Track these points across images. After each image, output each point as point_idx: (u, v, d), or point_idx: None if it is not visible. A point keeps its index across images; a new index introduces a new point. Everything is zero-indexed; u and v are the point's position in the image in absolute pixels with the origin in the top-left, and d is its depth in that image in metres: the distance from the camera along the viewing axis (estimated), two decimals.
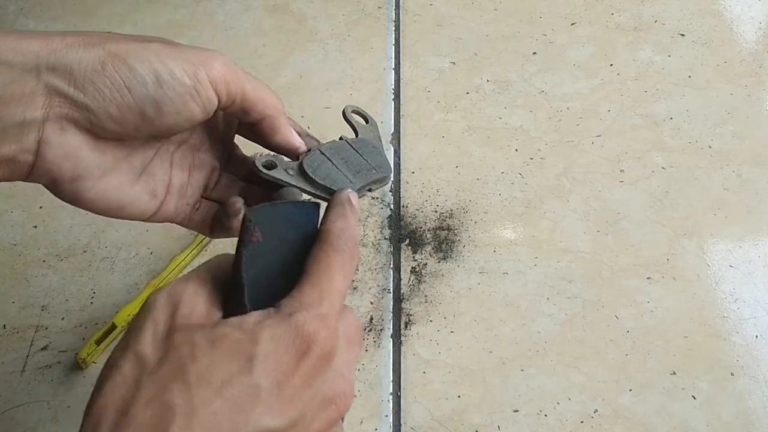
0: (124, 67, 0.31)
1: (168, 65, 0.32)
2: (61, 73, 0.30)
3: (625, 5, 0.77)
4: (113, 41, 0.31)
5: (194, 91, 0.32)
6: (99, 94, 0.31)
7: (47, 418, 0.49)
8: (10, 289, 0.56)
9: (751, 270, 0.55)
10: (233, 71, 0.34)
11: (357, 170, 0.43)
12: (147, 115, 0.32)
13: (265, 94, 0.37)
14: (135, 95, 0.31)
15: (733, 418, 0.47)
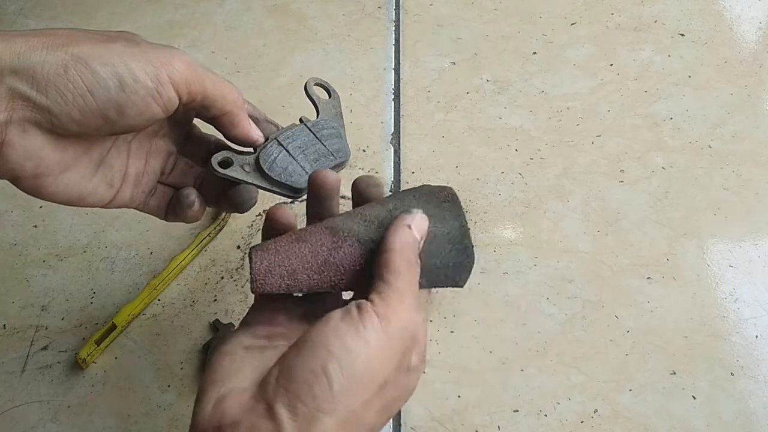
0: (87, 71, 0.31)
1: (131, 68, 0.32)
2: (24, 77, 0.30)
3: (625, 5, 0.77)
4: (76, 42, 0.32)
5: (156, 93, 0.33)
6: (61, 98, 0.31)
7: (47, 418, 0.49)
8: (10, 289, 0.56)
9: (751, 270, 0.55)
10: (194, 70, 0.35)
11: (314, 158, 0.43)
12: (109, 118, 0.33)
13: (226, 90, 0.37)
14: (97, 99, 0.32)
15: (733, 418, 0.47)
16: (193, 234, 0.59)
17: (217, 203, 0.43)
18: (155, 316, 0.54)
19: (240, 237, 0.59)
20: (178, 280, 0.56)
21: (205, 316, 0.54)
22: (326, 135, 0.45)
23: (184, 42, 0.77)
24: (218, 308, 0.54)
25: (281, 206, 0.38)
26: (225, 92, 0.37)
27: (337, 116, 0.47)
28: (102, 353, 0.52)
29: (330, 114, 0.47)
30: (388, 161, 0.64)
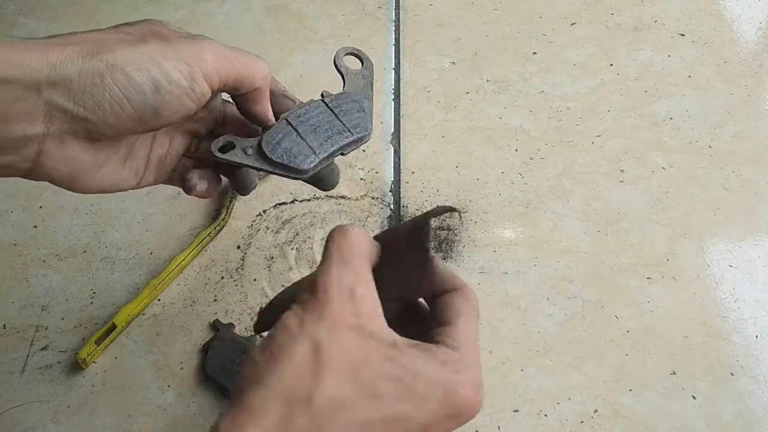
0: (123, 78, 0.31)
1: (165, 69, 0.32)
2: (61, 89, 0.31)
3: (625, 5, 0.77)
4: (110, 49, 0.32)
5: (190, 90, 0.33)
6: (99, 108, 0.31)
7: (47, 418, 0.49)
8: (10, 289, 0.56)
9: (751, 270, 0.55)
10: (224, 58, 0.35)
11: (327, 136, 0.41)
12: (145, 119, 0.33)
13: (255, 68, 0.37)
14: (134, 104, 0.32)
15: (733, 418, 0.47)
16: (193, 234, 0.59)
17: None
18: (155, 316, 0.54)
19: (240, 237, 0.59)
20: (178, 280, 0.56)
21: (205, 316, 0.54)
22: (346, 110, 0.42)
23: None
24: (218, 308, 0.54)
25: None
26: (254, 70, 0.37)
27: (366, 87, 0.44)
28: (102, 353, 0.52)
29: (357, 86, 0.44)
30: (388, 161, 0.64)
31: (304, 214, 0.60)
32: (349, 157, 0.64)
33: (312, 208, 0.61)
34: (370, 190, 0.62)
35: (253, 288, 0.55)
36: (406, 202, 0.61)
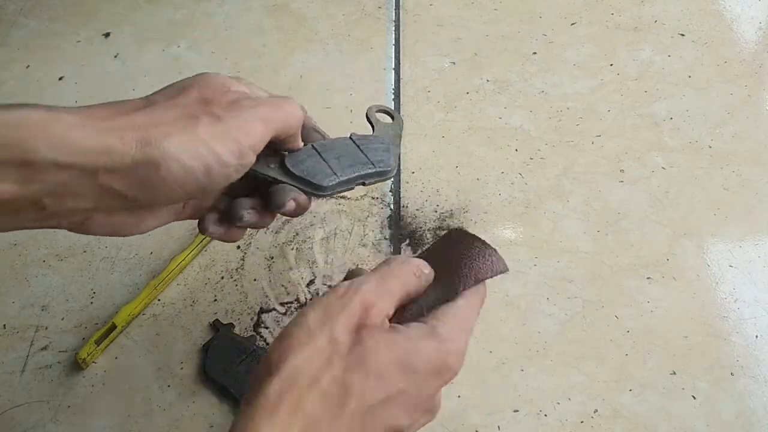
0: (178, 167, 0.33)
1: (217, 153, 0.34)
2: (118, 177, 0.32)
3: (625, 5, 0.77)
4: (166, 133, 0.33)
5: (239, 166, 0.36)
6: (152, 193, 0.33)
7: (47, 418, 0.49)
8: (10, 289, 0.56)
9: (751, 270, 0.55)
10: (269, 123, 0.37)
11: (349, 164, 0.42)
12: (192, 196, 0.36)
13: (293, 118, 0.39)
14: (185, 188, 0.34)
15: (733, 418, 0.47)
16: (193, 234, 0.59)
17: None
18: (155, 316, 0.54)
19: None
20: (178, 280, 0.56)
21: (205, 316, 0.54)
22: (371, 148, 0.44)
23: (184, 42, 0.77)
24: (218, 308, 0.54)
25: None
26: (292, 121, 0.39)
27: (395, 137, 0.46)
28: (102, 353, 0.52)
29: (386, 134, 0.46)
30: None
31: (304, 214, 0.60)
32: None
33: (312, 208, 0.61)
34: (370, 190, 0.62)
35: (253, 288, 0.55)
36: (406, 202, 0.61)
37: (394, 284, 0.35)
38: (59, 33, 0.79)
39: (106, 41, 0.78)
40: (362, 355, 0.31)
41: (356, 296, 0.33)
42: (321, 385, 0.30)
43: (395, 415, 0.32)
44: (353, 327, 0.32)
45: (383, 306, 0.34)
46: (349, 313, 0.32)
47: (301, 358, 0.31)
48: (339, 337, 0.32)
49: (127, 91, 0.72)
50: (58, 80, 0.74)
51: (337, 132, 0.65)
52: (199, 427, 0.48)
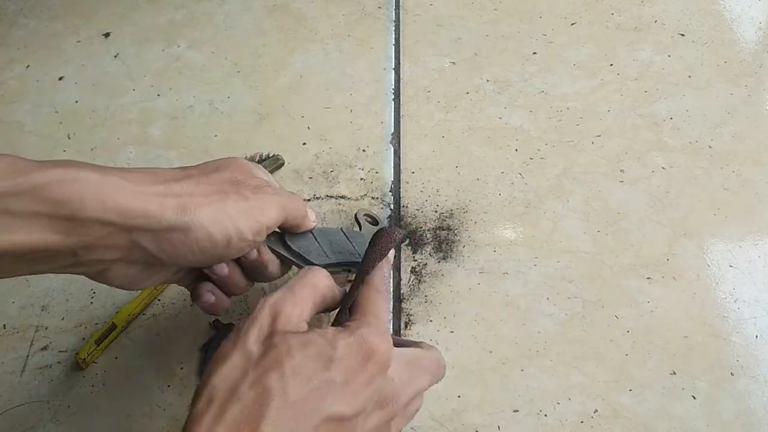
0: (205, 236, 0.37)
1: (239, 228, 0.39)
2: (150, 236, 0.36)
3: (625, 5, 0.77)
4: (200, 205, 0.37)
5: (254, 242, 0.40)
6: (175, 254, 0.37)
7: (47, 418, 0.49)
8: (10, 289, 0.56)
9: (751, 270, 0.55)
10: (282, 209, 0.42)
11: (338, 251, 0.48)
12: (208, 262, 0.40)
13: (298, 212, 0.44)
14: (206, 256, 0.38)
15: (733, 418, 0.47)
16: None
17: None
18: (155, 316, 0.54)
19: None
20: None
21: (205, 316, 0.54)
22: (358, 242, 0.49)
23: (184, 42, 0.77)
24: None
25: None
26: (297, 214, 0.44)
27: None
28: (102, 353, 0.52)
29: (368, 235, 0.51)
30: (388, 161, 0.64)
31: None
32: (349, 157, 0.64)
33: (312, 208, 0.61)
34: (370, 190, 0.62)
35: (252, 288, 0.55)
36: (406, 202, 0.61)
37: (305, 291, 0.37)
38: (59, 33, 0.79)
39: (106, 41, 0.78)
40: (275, 357, 0.32)
41: (264, 309, 0.35)
42: (239, 395, 0.31)
43: (330, 403, 0.32)
44: (264, 336, 0.34)
45: (294, 312, 0.35)
46: (259, 326, 0.34)
47: (218, 378, 0.32)
48: (251, 349, 0.33)
49: (127, 91, 0.72)
50: (58, 80, 0.74)
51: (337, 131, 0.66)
52: None
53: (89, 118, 0.70)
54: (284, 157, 0.64)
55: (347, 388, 0.33)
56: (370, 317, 0.37)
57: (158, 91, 0.72)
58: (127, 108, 0.71)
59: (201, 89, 0.72)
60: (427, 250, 0.57)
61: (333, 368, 0.33)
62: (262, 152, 0.64)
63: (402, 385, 0.36)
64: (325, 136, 0.66)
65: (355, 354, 0.34)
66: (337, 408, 0.32)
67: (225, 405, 0.31)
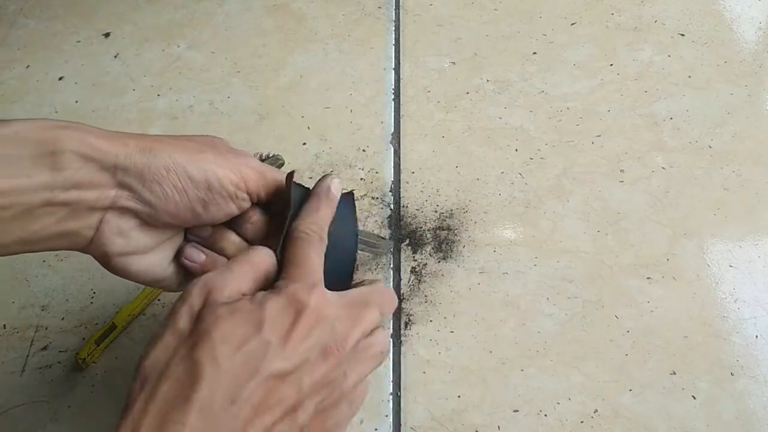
0: (184, 174, 0.38)
1: (218, 174, 0.40)
2: (134, 174, 0.37)
3: (625, 5, 0.77)
4: (176, 151, 0.39)
5: (234, 196, 0.41)
6: (162, 194, 0.38)
7: (47, 418, 0.49)
8: (10, 289, 0.56)
9: (751, 270, 0.55)
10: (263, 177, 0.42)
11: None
12: (196, 212, 0.40)
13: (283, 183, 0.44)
14: (190, 197, 0.39)
15: (733, 418, 0.47)
16: None
17: None
18: (155, 316, 0.54)
19: None
20: None
21: None
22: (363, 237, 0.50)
23: (183, 42, 0.77)
24: None
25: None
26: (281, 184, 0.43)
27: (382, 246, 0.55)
28: (102, 353, 0.52)
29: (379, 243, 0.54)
30: (388, 161, 0.64)
31: None
32: (349, 157, 0.64)
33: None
34: (370, 190, 0.62)
35: None
36: (406, 202, 0.61)
37: (244, 268, 0.37)
38: (59, 33, 0.79)
39: (106, 41, 0.78)
40: (204, 329, 0.33)
41: (195, 286, 0.35)
42: (170, 372, 0.32)
43: (267, 362, 0.32)
44: (195, 312, 0.34)
45: (228, 286, 0.35)
46: (189, 303, 0.34)
47: (149, 360, 0.33)
48: (181, 326, 0.33)
49: (127, 90, 0.72)
50: (58, 80, 0.74)
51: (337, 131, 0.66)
52: None
53: (89, 118, 0.70)
54: (284, 157, 0.64)
55: (284, 346, 0.33)
56: (297, 271, 0.37)
57: (158, 91, 0.72)
58: (127, 108, 0.71)
59: (201, 89, 0.72)
60: (427, 250, 0.57)
61: (265, 330, 0.33)
62: (262, 152, 0.63)
63: (346, 328, 0.36)
64: (325, 136, 0.66)
65: (284, 312, 0.34)
66: (275, 365, 0.32)
67: (156, 384, 0.31)
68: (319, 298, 0.35)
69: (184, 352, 0.32)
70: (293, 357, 0.33)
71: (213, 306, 0.34)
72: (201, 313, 0.34)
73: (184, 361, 0.32)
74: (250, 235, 0.44)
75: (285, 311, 0.34)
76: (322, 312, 0.35)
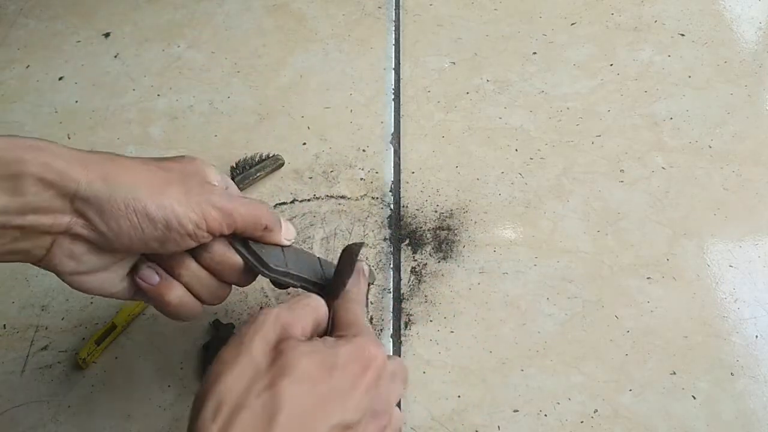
0: (143, 212, 0.37)
1: (177, 214, 0.38)
2: (93, 205, 0.37)
3: (625, 5, 0.77)
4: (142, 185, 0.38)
5: (194, 234, 0.39)
6: (117, 228, 0.37)
7: (47, 418, 0.49)
8: (10, 289, 0.56)
9: (751, 270, 0.55)
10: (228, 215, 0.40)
11: (301, 267, 0.45)
12: (151, 246, 0.39)
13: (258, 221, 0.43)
14: (146, 234, 0.38)
15: (733, 418, 0.47)
16: None
17: None
18: (155, 316, 0.54)
19: None
20: None
21: (205, 316, 0.54)
22: (329, 270, 0.47)
23: (183, 42, 0.77)
24: (218, 308, 0.54)
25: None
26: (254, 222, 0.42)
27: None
28: (102, 353, 0.52)
29: None
30: (388, 161, 0.64)
31: (304, 214, 0.60)
32: (349, 157, 0.64)
33: (312, 208, 0.61)
34: (370, 190, 0.62)
35: (253, 288, 0.55)
36: (406, 202, 0.61)
37: (306, 310, 0.38)
38: (59, 33, 0.79)
39: (106, 41, 0.78)
40: (285, 364, 0.33)
41: (269, 318, 0.35)
42: (247, 403, 0.31)
43: (336, 411, 0.33)
44: (272, 344, 0.34)
45: (298, 325, 0.36)
46: (265, 333, 0.34)
47: (224, 386, 0.32)
48: (257, 356, 0.33)
49: (127, 90, 0.72)
50: (58, 80, 0.74)
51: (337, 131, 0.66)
52: None
53: (89, 118, 0.70)
54: (284, 157, 0.64)
55: (351, 395, 0.34)
56: (359, 328, 0.38)
57: (158, 91, 0.72)
58: (127, 108, 0.71)
59: (201, 89, 0.72)
60: (427, 250, 0.57)
61: (336, 375, 0.33)
62: (262, 152, 0.63)
63: (388, 393, 0.37)
64: (325, 136, 0.66)
65: (355, 361, 0.35)
66: (343, 416, 0.33)
67: (233, 414, 0.31)
68: (384, 354, 0.36)
69: (264, 385, 0.32)
70: (358, 409, 0.34)
71: (292, 342, 0.34)
72: (280, 348, 0.34)
73: (263, 395, 0.32)
74: (210, 264, 0.42)
75: (355, 360, 0.35)
76: (384, 368, 0.36)
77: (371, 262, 0.57)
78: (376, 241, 0.58)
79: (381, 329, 0.53)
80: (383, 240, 0.58)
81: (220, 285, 0.43)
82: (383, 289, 0.55)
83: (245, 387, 0.32)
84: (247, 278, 0.44)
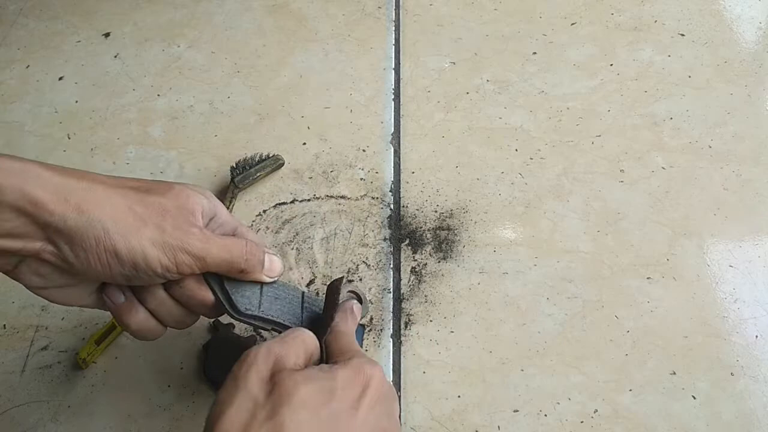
0: (112, 251, 0.37)
1: (147, 257, 0.38)
2: (65, 236, 0.36)
3: (625, 5, 0.77)
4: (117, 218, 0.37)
5: (162, 276, 0.39)
6: (86, 261, 0.37)
7: (47, 418, 0.49)
8: (10, 289, 0.56)
9: (751, 270, 0.55)
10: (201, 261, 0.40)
11: (279, 309, 0.43)
12: (117, 280, 0.39)
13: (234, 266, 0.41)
14: (114, 270, 0.38)
15: (733, 418, 0.47)
16: None
17: None
18: None
19: None
20: None
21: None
22: (312, 307, 0.46)
23: (184, 42, 0.77)
24: None
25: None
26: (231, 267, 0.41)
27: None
28: (102, 353, 0.52)
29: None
30: (388, 161, 0.64)
31: (304, 214, 0.60)
32: (349, 156, 0.64)
33: (312, 208, 0.61)
34: (370, 190, 0.62)
35: None
36: (406, 202, 0.61)
37: (297, 342, 0.38)
38: (59, 33, 0.79)
39: (106, 41, 0.78)
40: (282, 393, 0.33)
41: (260, 352, 0.35)
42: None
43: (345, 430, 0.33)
44: (266, 377, 0.34)
45: (291, 355, 0.36)
46: (258, 367, 0.35)
47: (226, 422, 0.32)
48: (253, 389, 0.34)
49: (127, 90, 0.72)
50: (58, 80, 0.74)
51: (337, 131, 0.66)
52: (199, 427, 0.48)
53: (89, 118, 0.70)
54: (284, 157, 0.64)
55: (355, 416, 0.34)
56: (353, 352, 0.39)
57: (158, 91, 0.72)
58: (127, 108, 0.71)
59: (201, 89, 0.72)
60: (427, 250, 0.57)
61: (337, 398, 0.34)
62: (262, 152, 0.63)
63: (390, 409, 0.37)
64: (325, 136, 0.66)
65: (354, 382, 0.35)
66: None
67: None
68: (382, 373, 0.37)
69: (265, 415, 0.32)
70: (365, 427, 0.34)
71: (286, 372, 0.34)
72: (275, 379, 0.34)
73: (265, 425, 0.32)
74: (180, 297, 0.42)
75: (354, 382, 0.35)
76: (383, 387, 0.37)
77: (371, 262, 0.57)
78: (376, 241, 0.58)
79: (381, 329, 0.53)
80: (383, 240, 0.58)
81: (187, 314, 0.43)
82: (383, 289, 0.55)
83: (246, 421, 0.32)
84: (217, 312, 0.43)
